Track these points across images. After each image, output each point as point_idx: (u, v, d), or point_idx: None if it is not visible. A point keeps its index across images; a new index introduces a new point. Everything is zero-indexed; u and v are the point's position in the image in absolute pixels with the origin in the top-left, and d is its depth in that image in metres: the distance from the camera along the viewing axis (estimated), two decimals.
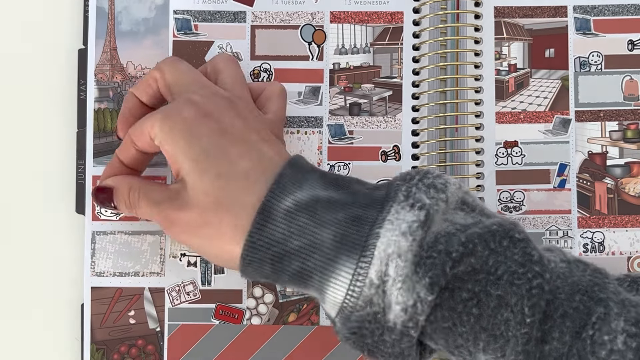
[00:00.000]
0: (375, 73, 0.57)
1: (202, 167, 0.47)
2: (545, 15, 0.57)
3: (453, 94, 0.57)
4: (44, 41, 0.57)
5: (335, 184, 0.46)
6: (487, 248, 0.43)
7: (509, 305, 0.43)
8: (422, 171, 0.46)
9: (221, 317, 0.55)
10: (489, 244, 0.43)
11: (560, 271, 0.45)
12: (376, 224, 0.43)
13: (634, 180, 0.56)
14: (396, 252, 0.42)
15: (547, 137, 0.57)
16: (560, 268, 0.45)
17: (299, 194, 0.45)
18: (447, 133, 0.57)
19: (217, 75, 0.53)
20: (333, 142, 0.57)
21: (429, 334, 0.44)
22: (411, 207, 0.43)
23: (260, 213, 0.45)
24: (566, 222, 0.56)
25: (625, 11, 0.57)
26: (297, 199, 0.45)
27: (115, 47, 0.57)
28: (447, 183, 0.45)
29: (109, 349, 0.55)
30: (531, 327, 0.42)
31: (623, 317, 0.43)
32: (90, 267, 0.55)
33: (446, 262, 0.42)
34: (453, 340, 0.44)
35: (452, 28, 0.57)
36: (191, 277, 0.55)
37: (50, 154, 0.57)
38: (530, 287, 0.43)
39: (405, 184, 0.45)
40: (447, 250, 0.43)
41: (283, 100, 0.54)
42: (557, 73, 0.57)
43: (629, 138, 0.57)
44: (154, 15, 0.57)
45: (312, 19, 0.57)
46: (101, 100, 0.57)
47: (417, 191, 0.44)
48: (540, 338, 0.43)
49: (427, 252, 0.43)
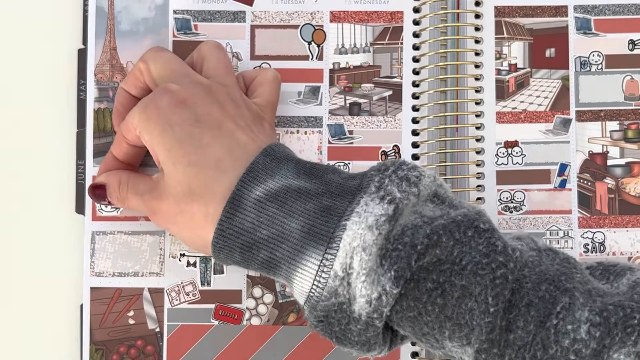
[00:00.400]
0: (375, 73, 0.57)
1: (175, 156, 0.48)
2: (545, 15, 0.57)
3: (453, 94, 0.57)
4: (44, 41, 0.57)
5: (309, 173, 0.47)
6: (452, 239, 0.44)
7: (473, 295, 0.43)
8: (397, 162, 0.46)
9: (221, 318, 0.55)
10: (454, 234, 0.44)
11: (530, 259, 0.45)
12: (344, 215, 0.44)
13: (634, 180, 0.56)
14: (361, 245, 0.43)
15: (548, 137, 0.57)
16: (530, 257, 0.46)
17: (270, 183, 0.46)
18: (447, 133, 0.56)
19: (202, 63, 0.53)
20: (333, 142, 0.57)
21: (396, 322, 0.45)
22: (381, 199, 0.44)
23: (230, 202, 0.46)
24: (567, 222, 0.56)
25: (625, 11, 0.57)
26: (268, 188, 0.46)
27: (115, 47, 0.57)
28: (420, 176, 0.46)
29: (108, 349, 0.55)
30: (495, 316, 0.43)
31: (588, 307, 0.43)
32: (90, 267, 0.55)
33: (411, 255, 0.43)
34: (419, 328, 0.45)
35: (453, 27, 0.57)
36: (190, 278, 0.55)
37: (50, 154, 0.57)
38: (493, 277, 0.43)
39: (379, 175, 0.45)
40: (412, 242, 0.43)
41: (275, 86, 0.54)
42: (558, 73, 0.57)
43: (630, 138, 0.57)
44: (153, 15, 0.57)
45: (312, 19, 0.57)
46: (101, 100, 0.56)
47: (390, 183, 0.45)
48: (505, 327, 0.43)
49: (392, 245, 0.43)
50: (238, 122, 0.49)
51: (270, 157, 0.47)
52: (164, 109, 0.48)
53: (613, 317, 0.43)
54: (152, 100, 0.49)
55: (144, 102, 0.50)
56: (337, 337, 0.46)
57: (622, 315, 0.43)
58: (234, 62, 0.57)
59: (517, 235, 0.47)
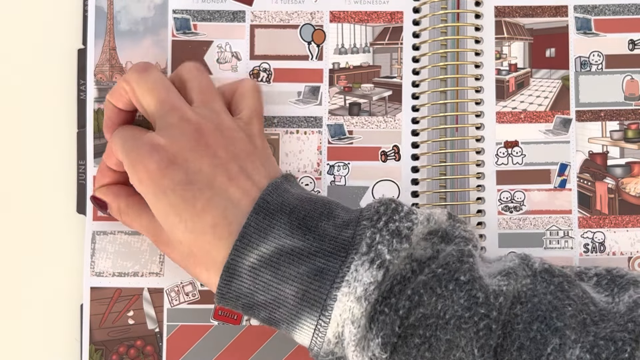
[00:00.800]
0: (375, 73, 0.57)
1: (172, 222, 0.48)
2: (545, 15, 0.57)
3: (453, 94, 0.57)
4: (44, 41, 0.57)
5: (303, 226, 0.46)
6: (434, 294, 0.45)
7: (459, 347, 0.44)
8: (390, 207, 0.47)
9: (220, 318, 0.55)
10: (435, 290, 0.45)
11: (523, 290, 0.46)
12: (335, 282, 0.45)
13: (634, 180, 0.56)
14: (350, 318, 0.44)
15: (548, 137, 0.57)
16: (523, 286, 0.46)
17: (263, 248, 0.46)
18: (447, 133, 0.56)
19: (184, 85, 0.52)
20: (333, 142, 0.57)
21: None
22: (371, 263, 0.45)
23: (226, 271, 0.46)
24: (567, 222, 0.56)
25: (626, 11, 0.57)
26: (261, 253, 0.46)
27: (114, 47, 0.57)
28: (413, 226, 0.46)
29: (108, 349, 0.55)
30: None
31: (580, 343, 0.44)
32: (90, 267, 0.55)
33: (395, 321, 0.44)
34: None
35: (453, 27, 0.57)
36: (190, 278, 0.55)
37: (50, 154, 0.57)
38: (477, 330, 0.44)
39: (371, 229, 0.46)
40: (396, 307, 0.44)
41: (257, 95, 0.54)
42: (558, 73, 0.57)
43: (630, 138, 0.56)
44: (153, 14, 0.57)
45: (312, 19, 0.57)
46: (101, 101, 0.56)
47: (381, 240, 0.45)
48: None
49: (380, 306, 0.44)
50: (230, 170, 0.48)
51: (262, 213, 0.47)
52: (154, 172, 0.48)
53: (604, 353, 0.43)
54: (141, 160, 0.48)
55: (131, 159, 0.49)
56: None
57: (614, 349, 0.43)
58: (233, 62, 0.57)
59: (508, 269, 0.47)
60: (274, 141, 0.56)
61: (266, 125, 0.56)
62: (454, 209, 0.56)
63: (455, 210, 0.56)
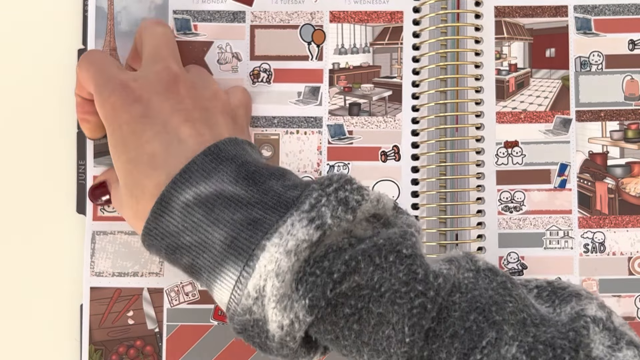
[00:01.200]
0: (374, 73, 0.57)
1: (117, 153, 0.48)
2: (545, 15, 0.57)
3: (453, 94, 0.57)
4: (44, 41, 0.57)
5: (250, 178, 0.45)
6: (371, 264, 0.42)
7: (390, 323, 0.42)
8: (343, 179, 0.44)
9: (220, 318, 0.55)
10: (374, 259, 0.42)
11: (464, 282, 0.44)
12: (269, 232, 0.42)
13: (634, 181, 0.56)
14: (275, 270, 0.41)
15: (548, 137, 0.57)
16: (465, 278, 0.44)
17: (203, 187, 0.44)
18: (447, 133, 0.56)
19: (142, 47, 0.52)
20: (333, 142, 0.57)
21: (316, 338, 0.44)
22: (309, 222, 0.42)
23: (159, 202, 0.44)
24: (567, 222, 0.56)
25: (626, 11, 0.57)
26: (199, 192, 0.44)
27: (114, 47, 0.57)
28: (362, 200, 0.44)
29: (108, 349, 0.55)
30: (411, 346, 0.42)
31: (518, 341, 0.42)
32: (90, 267, 0.55)
33: (327, 284, 0.41)
34: (339, 349, 0.44)
35: (453, 27, 0.57)
36: (190, 278, 0.55)
37: (50, 154, 0.57)
38: (411, 307, 0.41)
39: (318, 191, 0.43)
40: (330, 270, 0.42)
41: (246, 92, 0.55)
42: (558, 73, 0.57)
43: (630, 138, 0.56)
44: (153, 15, 0.57)
45: (312, 19, 0.57)
46: None
47: (326, 204, 0.43)
48: (427, 357, 0.42)
49: (311, 268, 0.42)
50: (191, 114, 0.47)
51: (212, 156, 0.45)
52: (118, 109, 0.48)
53: (541, 358, 0.41)
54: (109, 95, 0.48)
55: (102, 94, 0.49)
56: (260, 347, 0.44)
57: (552, 356, 0.41)
58: (234, 62, 0.57)
59: (451, 257, 0.46)
60: (274, 141, 0.56)
61: (266, 125, 0.56)
62: (454, 209, 0.56)
63: (455, 211, 0.56)
